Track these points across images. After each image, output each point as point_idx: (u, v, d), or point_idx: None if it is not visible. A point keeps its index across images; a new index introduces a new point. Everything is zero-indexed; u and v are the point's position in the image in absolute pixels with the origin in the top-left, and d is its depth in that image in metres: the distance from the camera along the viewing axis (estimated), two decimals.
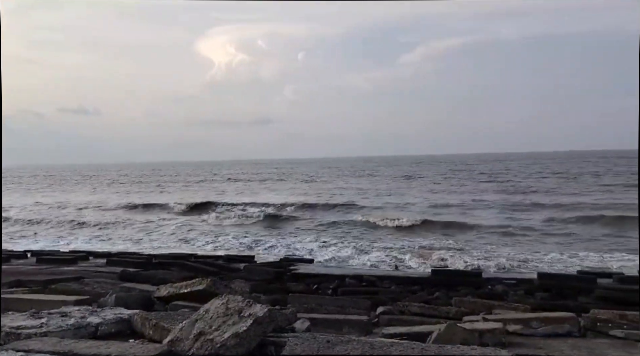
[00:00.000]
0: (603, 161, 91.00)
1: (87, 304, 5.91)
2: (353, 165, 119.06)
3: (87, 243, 22.72)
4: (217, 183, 67.92)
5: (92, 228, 27.87)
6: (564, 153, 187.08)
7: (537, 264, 16.00)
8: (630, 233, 20.68)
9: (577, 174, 58.59)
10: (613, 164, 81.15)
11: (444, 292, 11.18)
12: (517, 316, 6.51)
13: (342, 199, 36.09)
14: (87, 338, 4.20)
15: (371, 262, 16.94)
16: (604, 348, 5.28)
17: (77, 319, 4.50)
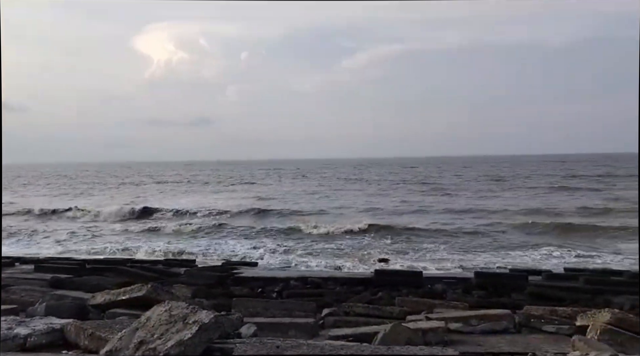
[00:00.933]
0: (529, 164, 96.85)
1: (14, 314, 5.49)
2: (295, 168, 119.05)
3: (10, 247, 21.21)
4: (149, 185, 65.24)
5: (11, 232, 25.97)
6: (499, 157, 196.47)
7: (473, 263, 16.69)
8: (558, 232, 22.05)
9: (509, 177, 61.71)
10: (537, 167, 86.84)
11: (387, 292, 11.38)
12: (457, 314, 6.72)
13: (280, 204, 35.70)
14: (15, 351, 3.89)
15: (315, 265, 16.98)
16: (538, 343, 5.56)
17: (4, 330, 4.16)
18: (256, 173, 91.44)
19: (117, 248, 20.74)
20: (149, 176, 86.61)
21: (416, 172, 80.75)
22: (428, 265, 16.30)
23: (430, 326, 5.51)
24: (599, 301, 11.02)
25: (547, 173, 66.51)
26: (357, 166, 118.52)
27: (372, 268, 15.05)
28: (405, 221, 26.41)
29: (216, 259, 17.75)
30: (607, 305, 10.64)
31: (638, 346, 5.09)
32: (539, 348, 4.99)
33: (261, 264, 16.67)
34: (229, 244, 21.80)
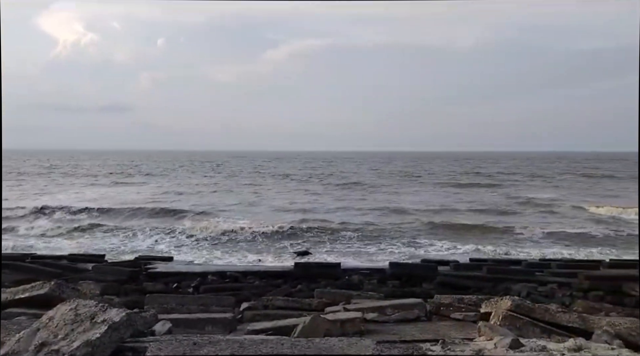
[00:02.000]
0: (440, 161, 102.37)
1: None
2: (210, 159, 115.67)
3: None
4: (51, 175, 60.10)
5: None
6: (416, 154, 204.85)
7: (387, 254, 17.34)
8: (456, 229, 23.43)
9: (423, 173, 64.74)
10: (447, 164, 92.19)
11: (306, 284, 11.51)
12: (373, 304, 6.93)
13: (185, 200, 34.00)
14: None
15: (233, 259, 16.72)
16: (447, 329, 5.88)
17: None
18: (167, 165, 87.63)
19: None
20: (50, 167, 79.70)
21: (334, 167, 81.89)
22: (345, 258, 16.67)
23: (348, 317, 5.63)
24: (500, 288, 11.93)
25: (453, 170, 70.41)
26: (276, 159, 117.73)
27: (292, 262, 15.12)
28: (321, 216, 26.63)
29: (131, 254, 16.88)
30: (507, 292, 11.56)
31: (533, 330, 5.55)
32: (448, 335, 5.29)
33: (177, 259, 16.11)
34: (139, 238, 20.74)
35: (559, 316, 5.91)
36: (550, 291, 11.53)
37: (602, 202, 30.45)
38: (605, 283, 11.38)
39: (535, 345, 3.61)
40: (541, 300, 10.90)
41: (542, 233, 20.73)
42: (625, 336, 5.62)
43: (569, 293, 11.27)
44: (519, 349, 3.53)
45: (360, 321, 5.68)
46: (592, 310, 9.17)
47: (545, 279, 12.41)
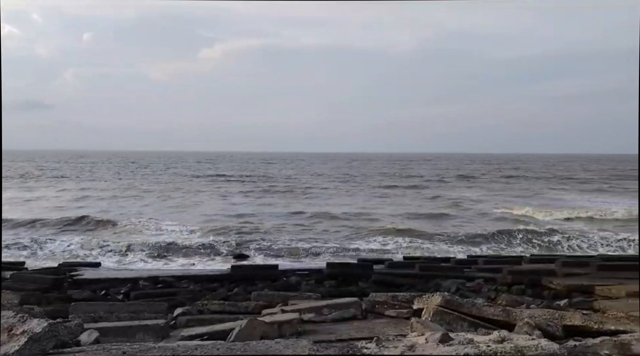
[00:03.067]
0: (376, 163, 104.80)
1: None
2: (137, 160, 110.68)
3: None
4: None
5: None
6: (352, 155, 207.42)
7: (323, 254, 17.49)
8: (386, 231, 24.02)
9: (357, 175, 65.52)
10: (382, 165, 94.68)
11: (243, 287, 11.37)
12: (310, 305, 6.98)
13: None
14: None
15: (163, 264, 16.14)
16: (382, 327, 6.04)
17: None
18: (85, 166, 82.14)
19: None
20: None
21: (270, 168, 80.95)
22: (283, 260, 16.63)
23: (285, 318, 5.63)
24: (431, 285, 12.41)
25: (385, 172, 71.78)
26: (208, 160, 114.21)
27: (229, 265, 14.87)
28: (257, 218, 26.30)
29: (53, 260, 15.84)
30: (438, 289, 12.06)
31: (462, 324, 5.82)
32: (382, 332, 5.43)
33: (105, 265, 15.35)
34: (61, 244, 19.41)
35: (484, 310, 6.25)
36: (477, 286, 12.14)
37: (521, 202, 32.38)
38: (527, 277, 12.14)
39: (463, 338, 3.78)
40: (469, 295, 11.47)
41: (468, 232, 21.68)
42: (544, 327, 6.04)
43: (494, 287, 11.92)
44: (448, 343, 3.69)
45: (298, 322, 5.70)
46: (515, 303, 9.77)
47: (473, 275, 13.04)
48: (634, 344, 5.24)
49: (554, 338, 6.07)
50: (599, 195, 38.83)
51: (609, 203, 32.64)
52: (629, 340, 5.33)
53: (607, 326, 6.17)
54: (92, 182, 49.41)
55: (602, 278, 11.70)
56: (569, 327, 6.40)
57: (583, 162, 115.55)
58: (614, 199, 35.16)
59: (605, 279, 11.36)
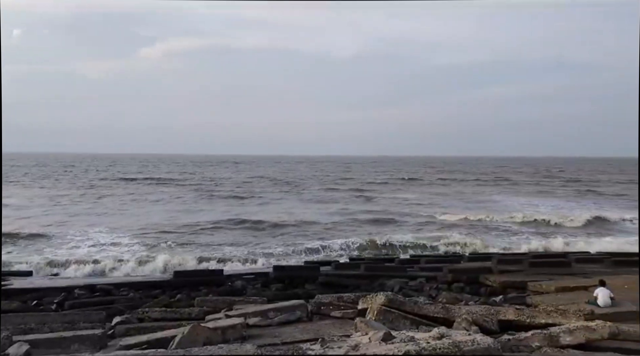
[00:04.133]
0: (321, 165, 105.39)
1: None
2: (65, 162, 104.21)
3: None
4: None
5: None
6: (291, 157, 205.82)
7: (269, 258, 17.28)
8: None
9: (297, 179, 64.47)
10: (325, 166, 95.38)
11: (186, 293, 11.08)
12: (256, 309, 6.92)
13: None
14: None
15: (103, 271, 15.30)
16: (327, 328, 6.09)
17: None
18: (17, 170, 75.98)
19: None
20: None
21: (211, 171, 78.22)
22: (227, 264, 16.24)
23: (230, 323, 5.55)
24: (376, 285, 12.64)
25: (329, 175, 71.37)
26: (147, 163, 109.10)
27: (171, 270, 14.42)
28: (197, 222, 25.39)
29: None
30: (382, 288, 12.30)
31: (404, 322, 5.98)
32: (327, 333, 5.47)
33: (37, 274, 14.44)
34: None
35: (425, 308, 6.46)
36: (420, 285, 12.50)
37: (452, 205, 33.24)
38: (466, 275, 12.64)
39: (405, 336, 3.89)
40: (412, 293, 11.78)
41: (407, 234, 22.09)
42: (480, 323, 6.33)
43: (435, 285, 12.32)
44: (390, 341, 3.78)
45: (242, 326, 5.64)
46: (455, 301, 10.16)
47: (415, 274, 13.40)
48: (561, 336, 5.61)
49: (490, 333, 6.37)
50: (528, 196, 41.12)
51: (537, 204, 34.62)
52: (557, 332, 5.70)
53: (538, 320, 6.55)
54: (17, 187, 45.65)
55: (534, 274, 12.38)
56: (503, 322, 6.74)
57: (516, 164, 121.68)
58: (540, 200, 37.27)
59: (537, 276, 12.05)
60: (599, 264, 13.90)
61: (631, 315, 8.09)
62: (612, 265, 13.58)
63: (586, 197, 40.64)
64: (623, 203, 35.10)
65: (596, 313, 7.69)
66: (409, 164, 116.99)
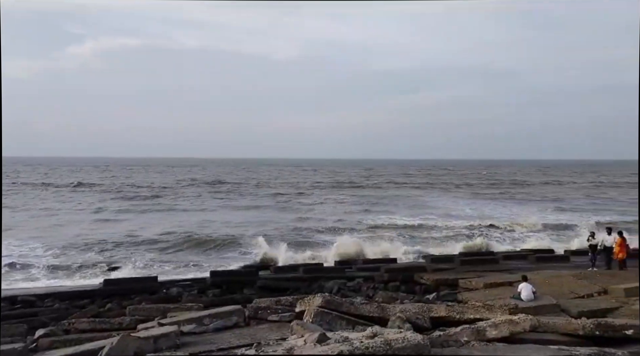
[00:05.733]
0: (267, 169, 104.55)
1: None
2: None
3: None
4: None
5: None
6: (225, 160, 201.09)
7: (204, 263, 16.83)
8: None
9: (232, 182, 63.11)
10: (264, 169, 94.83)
11: (117, 302, 10.61)
12: (190, 316, 6.75)
13: None
14: None
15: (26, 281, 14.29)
16: (264, 332, 6.04)
17: None
18: None
19: None
20: None
21: (129, 174, 74.30)
22: (162, 271, 15.64)
23: (162, 332, 5.38)
24: (314, 287, 12.73)
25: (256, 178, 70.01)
26: (71, 167, 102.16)
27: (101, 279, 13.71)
28: (126, 228, 24.25)
29: None
30: (321, 290, 12.40)
31: (341, 323, 6.06)
32: (264, 337, 5.43)
33: None
34: None
35: (361, 308, 6.58)
36: (357, 285, 12.72)
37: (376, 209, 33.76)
38: (401, 274, 13.02)
39: (340, 336, 3.94)
40: (350, 294, 11.97)
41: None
42: (414, 320, 6.53)
43: (373, 285, 12.59)
44: (325, 342, 3.82)
45: (176, 334, 5.48)
46: (391, 299, 10.44)
47: (353, 275, 13.63)
48: (487, 330, 5.91)
49: (423, 330, 6.59)
50: (452, 196, 43.04)
51: (460, 203, 36.22)
52: (483, 327, 5.99)
53: (467, 316, 6.86)
54: None
55: (464, 271, 12.97)
56: (435, 318, 7.00)
57: (448, 167, 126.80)
58: (464, 200, 39.00)
59: (467, 273, 12.63)
60: (523, 261, 14.81)
61: (551, 307, 8.69)
62: (535, 261, 14.53)
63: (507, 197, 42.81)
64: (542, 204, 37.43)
65: (520, 307, 8.20)
66: (349, 167, 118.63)
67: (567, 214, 30.37)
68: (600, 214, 30.33)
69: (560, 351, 4.55)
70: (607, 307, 8.52)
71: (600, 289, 9.71)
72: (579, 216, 29.36)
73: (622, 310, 8.19)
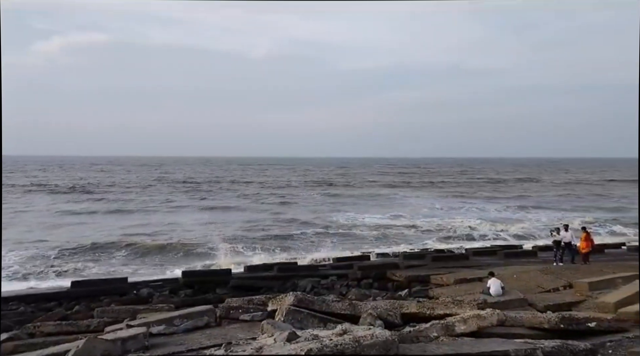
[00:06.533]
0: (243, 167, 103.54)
1: None
2: None
3: None
4: None
5: None
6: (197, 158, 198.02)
7: (177, 264, 16.53)
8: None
9: (203, 181, 62.18)
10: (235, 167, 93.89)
11: (86, 304, 10.37)
12: (160, 317, 6.64)
13: None
14: None
15: None
16: (235, 332, 5.99)
17: None
18: None
19: None
20: None
21: (105, 175, 72.22)
22: (132, 272, 15.33)
23: (130, 333, 5.27)
24: (288, 285, 12.71)
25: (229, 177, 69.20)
26: (38, 166, 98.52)
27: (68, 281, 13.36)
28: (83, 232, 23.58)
29: None
30: (295, 289, 12.38)
31: (313, 321, 6.06)
32: (235, 337, 5.39)
33: None
34: None
35: (333, 305, 6.59)
36: (331, 283, 12.76)
37: None
38: (374, 272, 13.12)
39: (309, 334, 3.95)
40: (323, 292, 12.00)
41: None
42: (385, 317, 6.58)
43: (346, 283, 12.65)
44: (295, 341, 3.82)
45: (145, 336, 5.38)
46: (363, 297, 10.51)
47: (327, 273, 13.67)
48: (456, 325, 6.01)
49: (393, 326, 6.65)
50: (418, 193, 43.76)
51: (432, 201, 36.79)
52: (452, 322, 6.09)
53: (437, 311, 6.95)
54: None
55: (436, 268, 13.16)
56: (406, 314, 7.07)
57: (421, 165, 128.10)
58: (435, 198, 39.65)
59: (439, 269, 12.82)
60: (493, 257, 15.13)
61: (519, 302, 8.91)
62: (504, 257, 14.86)
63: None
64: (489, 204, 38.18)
65: (489, 302, 8.36)
66: (324, 166, 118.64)
67: (533, 212, 31.19)
68: (567, 211, 31.23)
69: (525, 344, 4.67)
70: (571, 301, 8.78)
71: (565, 284, 10.00)
72: (549, 213, 30.21)
73: (586, 303, 8.43)
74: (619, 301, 7.68)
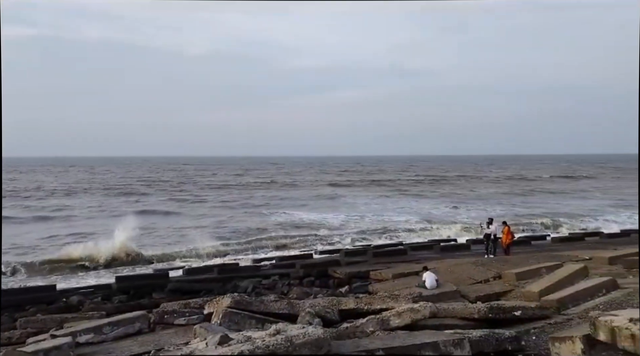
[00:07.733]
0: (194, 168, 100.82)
1: None
2: None
3: None
4: None
5: None
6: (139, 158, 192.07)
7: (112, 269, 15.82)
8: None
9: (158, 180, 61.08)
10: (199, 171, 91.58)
11: (9, 315, 9.69)
12: (89, 325, 6.32)
13: None
14: None
15: None
16: (169, 337, 5.81)
17: None
18: None
19: None
20: None
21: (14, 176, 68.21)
22: (61, 279, 14.48)
23: (54, 344, 4.99)
24: (229, 287, 12.48)
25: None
26: None
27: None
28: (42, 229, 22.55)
29: None
30: (235, 290, 12.18)
31: (250, 322, 5.98)
32: (167, 343, 5.22)
33: None
34: None
35: (271, 305, 6.54)
36: (273, 283, 12.67)
37: None
38: (316, 269, 13.17)
39: (242, 336, 3.89)
40: (265, 292, 11.87)
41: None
42: (323, 314, 6.61)
43: (288, 282, 12.62)
44: (227, 343, 3.74)
45: (70, 346, 5.11)
46: (304, 295, 10.53)
47: (269, 272, 13.58)
48: (391, 319, 6.14)
49: (332, 323, 6.70)
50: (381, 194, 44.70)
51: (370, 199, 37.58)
52: (388, 316, 6.21)
53: (374, 306, 7.07)
54: None
55: (376, 263, 13.42)
56: (344, 311, 7.13)
57: (362, 163, 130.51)
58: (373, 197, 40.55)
59: (378, 265, 13.08)
60: (430, 251, 15.64)
61: (452, 294, 9.25)
62: (440, 251, 15.41)
63: None
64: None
65: (424, 295, 8.61)
66: (261, 164, 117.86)
67: (468, 206, 32.63)
68: (496, 206, 32.83)
69: (454, 335, 4.84)
70: (500, 291, 9.24)
71: (495, 275, 10.51)
72: (481, 208, 31.69)
73: (513, 293, 8.91)
74: (542, 289, 8.15)
